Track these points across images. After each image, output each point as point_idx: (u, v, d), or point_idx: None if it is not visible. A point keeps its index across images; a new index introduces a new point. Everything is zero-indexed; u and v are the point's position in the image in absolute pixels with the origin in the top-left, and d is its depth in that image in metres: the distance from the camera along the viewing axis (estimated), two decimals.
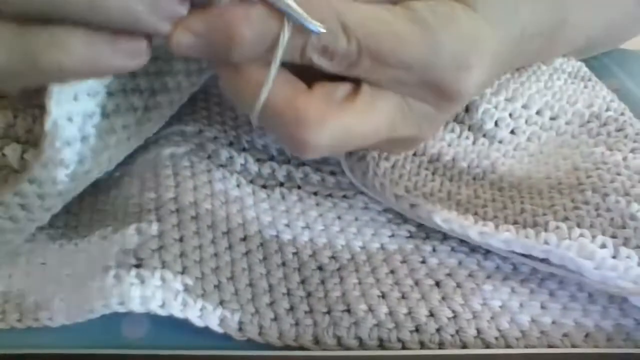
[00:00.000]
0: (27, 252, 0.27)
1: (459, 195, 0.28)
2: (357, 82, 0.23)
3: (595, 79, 0.35)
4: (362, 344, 0.23)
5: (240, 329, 0.23)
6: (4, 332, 0.24)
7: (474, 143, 0.31)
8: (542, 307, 0.24)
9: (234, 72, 0.22)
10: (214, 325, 0.23)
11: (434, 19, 0.22)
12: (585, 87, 0.34)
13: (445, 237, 0.27)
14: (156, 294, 0.22)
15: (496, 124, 0.31)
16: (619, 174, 0.28)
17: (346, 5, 0.21)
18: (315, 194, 0.29)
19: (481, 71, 0.23)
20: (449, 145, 0.31)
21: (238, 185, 0.29)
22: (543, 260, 0.25)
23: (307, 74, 0.22)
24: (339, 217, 0.28)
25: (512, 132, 0.32)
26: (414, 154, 0.30)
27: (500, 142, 0.31)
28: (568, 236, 0.24)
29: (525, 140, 0.32)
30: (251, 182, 0.29)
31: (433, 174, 0.30)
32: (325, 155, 0.24)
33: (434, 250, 0.27)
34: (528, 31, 0.26)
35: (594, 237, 0.24)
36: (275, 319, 0.24)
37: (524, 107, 0.32)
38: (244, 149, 0.31)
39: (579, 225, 0.25)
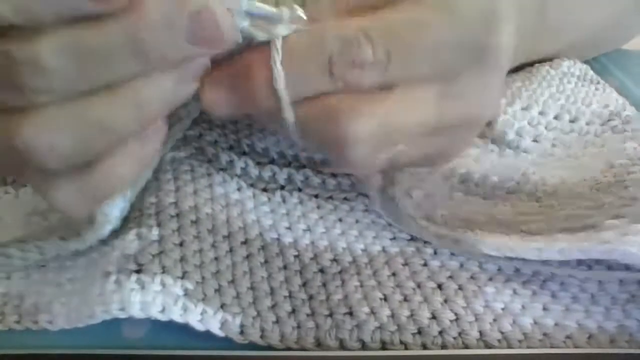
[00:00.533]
0: None
1: (500, 215, 0.27)
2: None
3: (603, 82, 0.35)
4: (364, 347, 0.23)
5: (241, 332, 0.23)
6: (4, 332, 0.24)
7: (500, 156, 0.31)
8: (545, 308, 0.24)
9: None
10: (215, 329, 0.23)
11: None
12: (597, 89, 0.34)
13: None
14: (156, 299, 0.22)
15: (517, 133, 0.31)
16: None
17: (365, 16, 0.21)
18: (316, 196, 0.29)
19: (508, 21, 0.22)
20: (476, 161, 0.30)
21: (238, 189, 0.29)
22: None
23: None
24: (340, 220, 0.28)
25: (535, 140, 0.31)
26: (443, 176, 0.29)
27: (525, 151, 0.31)
28: (627, 232, 0.23)
29: (550, 147, 0.31)
30: (252, 185, 0.29)
31: (466, 194, 0.29)
32: (370, 158, 0.22)
33: (435, 252, 0.26)
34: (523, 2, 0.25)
35: None
36: (277, 321, 0.24)
37: (541, 113, 0.32)
38: (244, 153, 0.31)
39: (635, 221, 0.23)
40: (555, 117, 0.32)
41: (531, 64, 0.36)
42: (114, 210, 0.25)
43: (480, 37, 0.22)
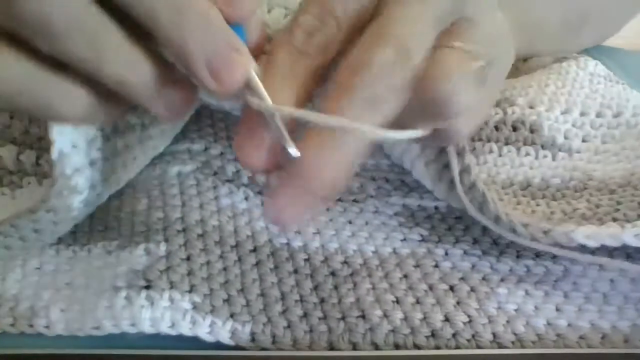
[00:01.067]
0: (21, 255, 0.27)
1: (578, 209, 0.27)
2: None
3: (622, 82, 0.35)
4: (378, 350, 0.23)
5: (252, 340, 0.23)
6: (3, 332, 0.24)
7: (554, 159, 0.30)
8: (557, 309, 0.24)
9: None
10: (225, 339, 0.23)
11: None
12: (624, 89, 0.34)
13: (457, 240, 0.27)
14: (165, 315, 0.23)
15: (566, 136, 0.31)
16: None
17: None
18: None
19: None
20: (531, 168, 0.30)
21: (246, 198, 0.29)
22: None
23: None
24: (349, 222, 0.28)
25: (584, 140, 0.31)
26: (502, 187, 0.29)
27: (578, 152, 0.31)
28: None
29: (601, 144, 0.31)
30: (259, 193, 0.29)
31: (533, 199, 0.29)
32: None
33: (446, 254, 0.26)
34: None
35: None
36: (289, 326, 0.23)
37: (582, 114, 0.32)
38: None
39: None
40: (598, 115, 0.32)
41: (560, 61, 0.36)
42: (78, 176, 0.24)
43: None
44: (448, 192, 0.28)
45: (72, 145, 0.24)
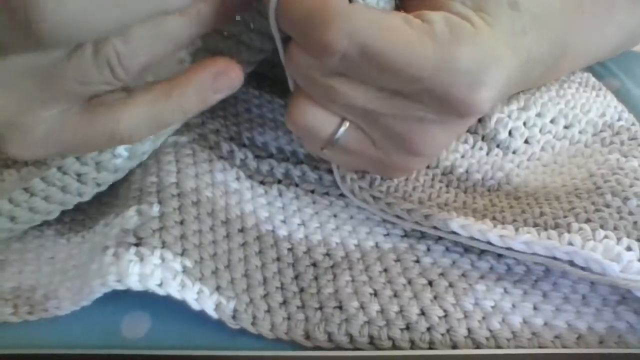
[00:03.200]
0: (36, 249, 0.28)
1: (474, 204, 0.28)
2: None
3: (605, 88, 0.35)
4: (352, 341, 0.23)
5: (234, 317, 0.23)
6: (3, 331, 0.24)
7: (487, 154, 0.30)
8: (535, 308, 0.24)
9: None
10: (210, 310, 0.23)
11: (451, 35, 0.21)
12: (597, 95, 0.34)
13: (439, 237, 0.27)
14: (155, 272, 0.23)
15: (510, 133, 0.31)
16: (637, 179, 0.27)
17: (355, 8, 0.21)
18: (312, 192, 0.30)
19: (494, 91, 0.22)
20: (463, 156, 0.30)
21: (237, 179, 0.29)
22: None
23: None
24: (334, 215, 0.28)
25: (526, 141, 0.31)
26: (428, 167, 0.30)
27: (514, 152, 0.30)
28: (592, 237, 0.23)
29: (539, 150, 0.31)
30: (250, 177, 0.30)
31: (447, 186, 0.29)
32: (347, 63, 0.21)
33: (428, 249, 0.27)
34: (532, 56, 0.25)
35: (619, 239, 0.24)
36: (269, 311, 0.24)
37: (538, 115, 0.31)
38: (244, 145, 0.31)
39: (602, 227, 0.24)
40: (552, 121, 0.32)
41: None
42: None
43: (456, 97, 0.22)
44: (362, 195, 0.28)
45: None
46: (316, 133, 0.24)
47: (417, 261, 0.26)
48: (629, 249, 0.23)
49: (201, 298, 0.23)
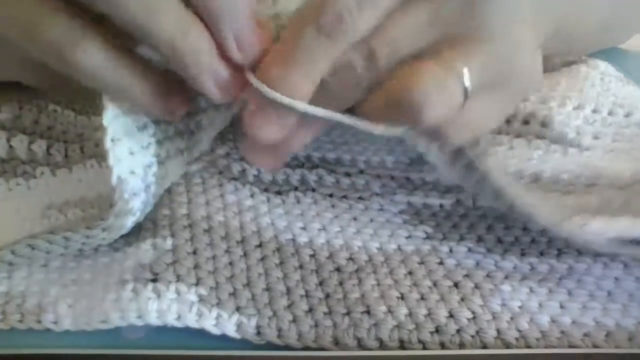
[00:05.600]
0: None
1: (587, 204, 0.27)
2: None
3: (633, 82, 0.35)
4: (382, 346, 0.23)
5: (258, 333, 0.23)
6: (3, 332, 0.24)
7: (564, 155, 0.30)
8: (562, 306, 0.24)
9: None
10: (231, 331, 0.23)
11: None
12: (636, 89, 0.35)
13: (461, 237, 0.27)
14: (172, 307, 0.23)
15: (577, 132, 0.31)
16: None
17: None
18: (331, 195, 0.29)
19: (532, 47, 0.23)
20: (542, 162, 0.30)
21: (251, 195, 0.29)
22: None
23: None
24: (354, 219, 0.28)
25: (595, 137, 0.31)
26: (515, 179, 0.29)
27: (587, 149, 0.31)
28: None
29: (611, 142, 0.31)
30: (265, 190, 0.30)
31: (544, 191, 0.29)
32: None
33: (451, 251, 0.27)
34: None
35: None
36: (294, 320, 0.24)
37: (595, 111, 0.32)
38: None
39: None
40: (609, 114, 0.32)
41: (569, 64, 0.36)
42: (135, 200, 0.25)
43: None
44: (462, 178, 0.27)
45: (130, 171, 0.24)
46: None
47: (441, 263, 0.26)
48: None
49: (220, 323, 0.23)
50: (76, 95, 0.32)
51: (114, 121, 0.24)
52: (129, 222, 0.25)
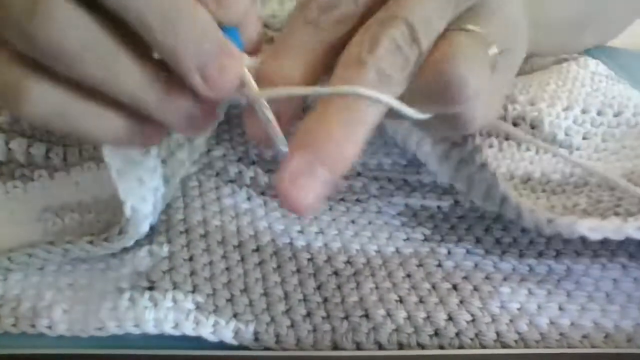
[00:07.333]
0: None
1: (578, 204, 0.27)
2: None
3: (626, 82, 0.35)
4: (381, 349, 0.23)
5: (256, 339, 0.23)
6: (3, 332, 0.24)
7: (554, 155, 0.30)
8: (560, 308, 0.24)
9: None
10: (229, 338, 0.23)
11: None
12: (625, 87, 0.34)
13: (459, 239, 0.27)
14: (168, 315, 0.23)
15: (566, 133, 0.31)
16: None
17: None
18: (328, 198, 0.29)
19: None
20: (531, 163, 0.30)
21: (248, 198, 0.29)
22: None
23: None
24: (352, 222, 0.28)
25: (585, 137, 0.31)
26: (505, 180, 0.29)
27: (577, 149, 0.31)
28: None
29: (601, 142, 0.31)
30: (262, 193, 0.29)
31: (533, 192, 0.29)
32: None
33: (449, 253, 0.26)
34: None
35: None
36: (292, 325, 0.23)
37: (583, 112, 0.32)
38: (253, 162, 0.31)
39: None
40: (599, 114, 0.32)
41: (560, 62, 0.36)
42: (144, 223, 0.25)
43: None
44: (454, 173, 0.27)
45: (141, 199, 0.24)
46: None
47: (439, 265, 0.26)
48: None
49: (217, 330, 0.23)
50: None
51: (115, 154, 0.23)
52: (146, 226, 0.26)
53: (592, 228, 0.24)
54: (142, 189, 0.24)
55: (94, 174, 0.31)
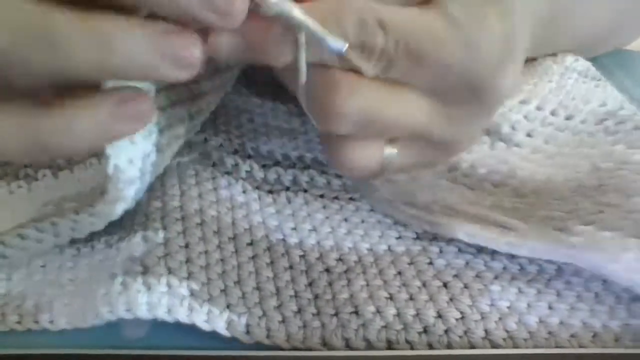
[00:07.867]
0: (26, 254, 0.27)
1: (481, 206, 0.27)
2: None
3: (604, 79, 0.35)
4: (370, 346, 0.23)
5: (247, 332, 0.23)
6: (3, 333, 0.24)
7: (491, 148, 0.30)
8: (550, 307, 0.24)
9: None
10: (221, 328, 0.23)
11: (466, 18, 0.21)
12: (597, 86, 0.34)
13: (451, 238, 0.27)
14: (162, 300, 0.23)
15: (512, 127, 0.31)
16: None
17: (383, 4, 0.21)
18: (322, 196, 0.30)
19: (516, 68, 0.22)
20: (467, 152, 0.30)
21: (244, 192, 0.29)
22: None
23: None
24: (345, 220, 0.28)
25: (529, 135, 0.31)
26: None
27: (517, 145, 0.30)
28: (594, 239, 0.24)
29: (542, 143, 0.31)
30: (257, 188, 0.30)
31: (453, 182, 0.29)
32: (350, 131, 0.22)
33: (441, 251, 0.27)
34: (537, 15, 0.25)
35: (620, 239, 0.23)
36: (283, 321, 0.24)
37: (538, 108, 0.32)
38: (249, 156, 0.31)
39: (604, 229, 0.24)
40: (552, 113, 0.32)
41: (534, 58, 0.36)
42: (129, 188, 0.24)
43: (485, 79, 0.22)
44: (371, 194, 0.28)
45: (128, 161, 0.24)
46: (367, 166, 0.24)
47: (431, 263, 0.26)
48: (629, 249, 0.23)
49: (211, 319, 0.23)
50: None
51: None
52: (120, 209, 0.25)
53: (471, 235, 0.25)
54: (132, 149, 0.24)
55: (95, 168, 0.31)
